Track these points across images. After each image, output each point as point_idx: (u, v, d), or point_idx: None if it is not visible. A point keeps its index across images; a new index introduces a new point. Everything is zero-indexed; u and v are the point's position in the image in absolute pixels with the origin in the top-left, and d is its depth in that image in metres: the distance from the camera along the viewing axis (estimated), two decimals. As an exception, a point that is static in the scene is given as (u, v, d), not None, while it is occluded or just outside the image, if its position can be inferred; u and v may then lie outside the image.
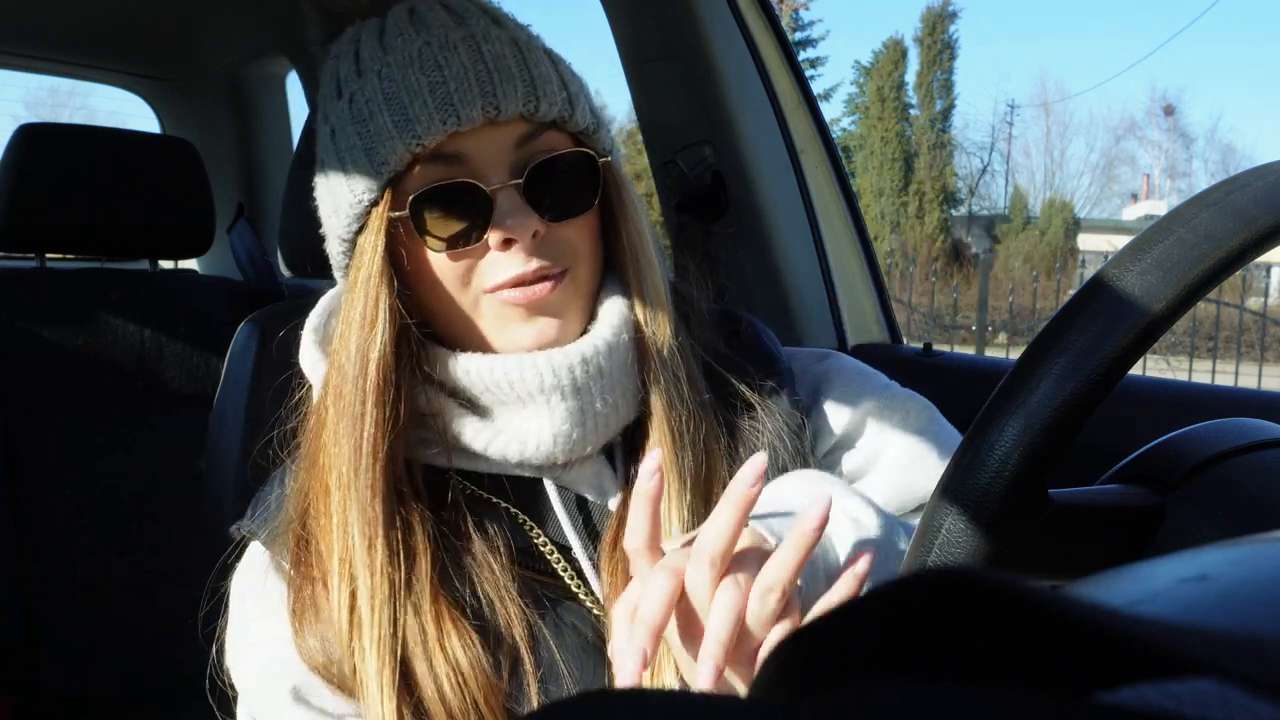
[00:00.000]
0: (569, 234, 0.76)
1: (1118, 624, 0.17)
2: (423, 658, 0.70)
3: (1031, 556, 0.60)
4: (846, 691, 0.19)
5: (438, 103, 0.72)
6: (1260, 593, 0.21)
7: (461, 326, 0.76)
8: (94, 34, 2.50)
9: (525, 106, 0.73)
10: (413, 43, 0.74)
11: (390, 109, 0.72)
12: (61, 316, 1.90)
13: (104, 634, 1.84)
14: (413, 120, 0.72)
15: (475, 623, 0.72)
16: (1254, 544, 0.24)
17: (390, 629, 0.70)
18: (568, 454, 0.75)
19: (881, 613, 0.20)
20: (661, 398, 0.76)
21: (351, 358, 0.73)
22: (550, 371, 0.73)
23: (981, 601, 0.19)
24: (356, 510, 0.72)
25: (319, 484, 0.75)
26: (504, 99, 0.72)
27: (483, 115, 0.72)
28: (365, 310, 0.73)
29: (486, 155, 0.74)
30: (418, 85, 0.72)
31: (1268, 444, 0.62)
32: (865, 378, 0.88)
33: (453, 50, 0.73)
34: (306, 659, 0.73)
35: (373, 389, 0.72)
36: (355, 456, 0.72)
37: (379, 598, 0.70)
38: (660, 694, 0.21)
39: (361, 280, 0.74)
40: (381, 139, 0.72)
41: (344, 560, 0.72)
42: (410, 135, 0.72)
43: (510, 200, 0.73)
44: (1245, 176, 0.55)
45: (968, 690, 0.18)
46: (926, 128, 23.78)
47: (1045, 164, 29.32)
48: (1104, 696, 0.18)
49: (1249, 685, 0.16)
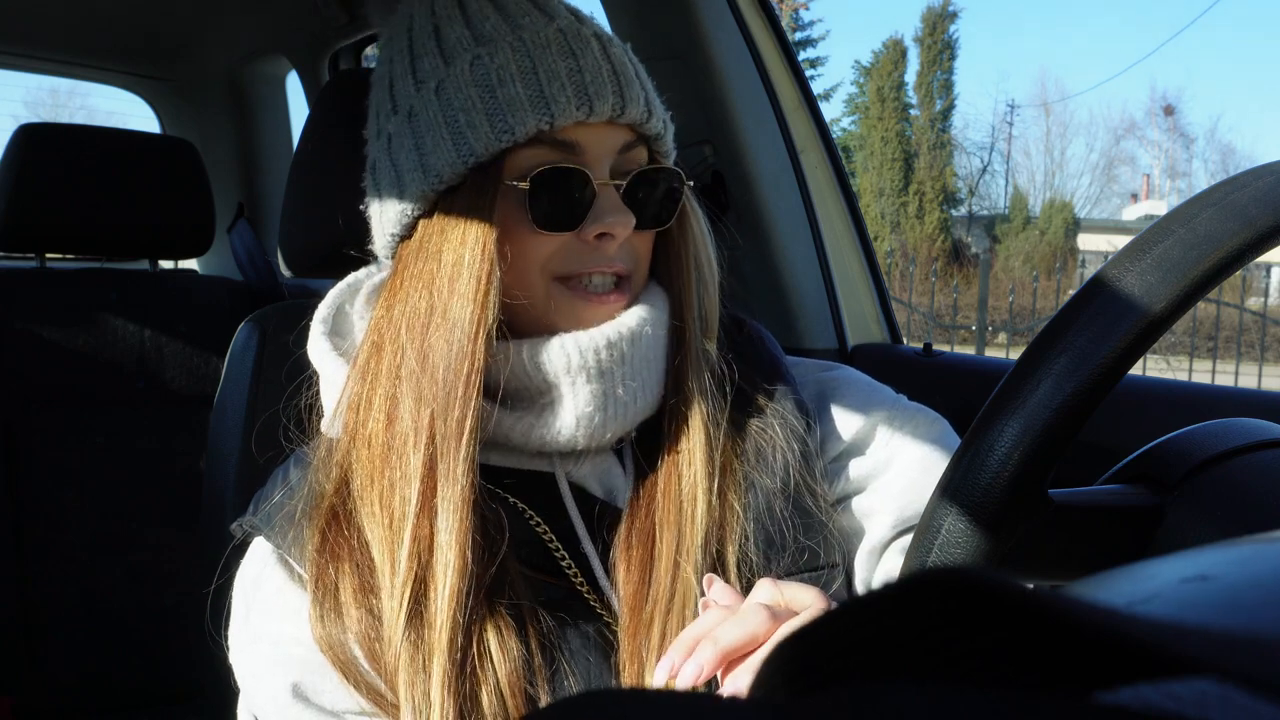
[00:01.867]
0: (641, 244, 0.79)
1: (1118, 624, 0.17)
2: (482, 644, 0.69)
3: (1031, 556, 0.60)
4: (846, 691, 0.19)
5: (575, 89, 0.74)
6: (1260, 593, 0.21)
7: (524, 310, 0.76)
8: (94, 34, 2.50)
9: (640, 115, 0.77)
10: (546, 26, 0.76)
11: (524, 83, 0.73)
12: (61, 316, 1.90)
13: (104, 634, 1.84)
14: (549, 99, 0.73)
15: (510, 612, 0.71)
16: (1254, 544, 0.24)
17: (466, 616, 0.69)
18: (588, 439, 0.76)
19: (882, 613, 0.20)
20: (693, 398, 0.78)
21: (464, 322, 0.72)
22: (577, 352, 0.74)
23: (981, 601, 0.19)
24: (452, 485, 0.70)
25: (374, 458, 0.73)
26: (630, 102, 0.76)
27: (611, 112, 0.75)
28: (479, 274, 0.72)
29: (598, 150, 0.76)
30: (556, 68, 0.74)
31: (1268, 444, 0.62)
32: (875, 389, 0.88)
33: (586, 43, 0.76)
34: (328, 649, 0.71)
35: (483, 354, 0.72)
36: (459, 427, 0.71)
37: (458, 579, 0.69)
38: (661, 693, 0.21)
39: (472, 241, 0.73)
40: (512, 109, 0.73)
41: (415, 539, 0.70)
42: (544, 112, 0.73)
43: (611, 198, 0.76)
44: (1245, 176, 0.55)
45: (968, 690, 0.18)
46: (926, 128, 23.79)
47: (1045, 164, 29.34)
48: (1104, 696, 0.18)
49: (1249, 685, 0.16)
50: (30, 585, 1.80)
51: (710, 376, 0.79)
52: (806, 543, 0.78)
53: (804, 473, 0.80)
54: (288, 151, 2.68)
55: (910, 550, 0.61)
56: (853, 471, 0.84)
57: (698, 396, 0.78)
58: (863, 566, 0.82)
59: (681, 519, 0.75)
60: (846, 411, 0.85)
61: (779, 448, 0.80)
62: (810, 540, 0.78)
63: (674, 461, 0.77)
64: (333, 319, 0.83)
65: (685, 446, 0.77)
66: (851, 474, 0.84)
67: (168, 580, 1.89)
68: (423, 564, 0.70)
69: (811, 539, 0.78)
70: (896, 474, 0.83)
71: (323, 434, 0.79)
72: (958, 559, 0.56)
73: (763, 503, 0.78)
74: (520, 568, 0.74)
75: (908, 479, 0.82)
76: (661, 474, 0.77)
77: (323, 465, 0.76)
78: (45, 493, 1.84)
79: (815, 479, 0.80)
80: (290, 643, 0.73)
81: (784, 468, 0.79)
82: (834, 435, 0.85)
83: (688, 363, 0.79)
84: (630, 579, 0.74)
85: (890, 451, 0.84)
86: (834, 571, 0.79)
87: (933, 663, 0.20)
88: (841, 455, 0.85)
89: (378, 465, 0.73)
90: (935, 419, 0.86)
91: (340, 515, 0.74)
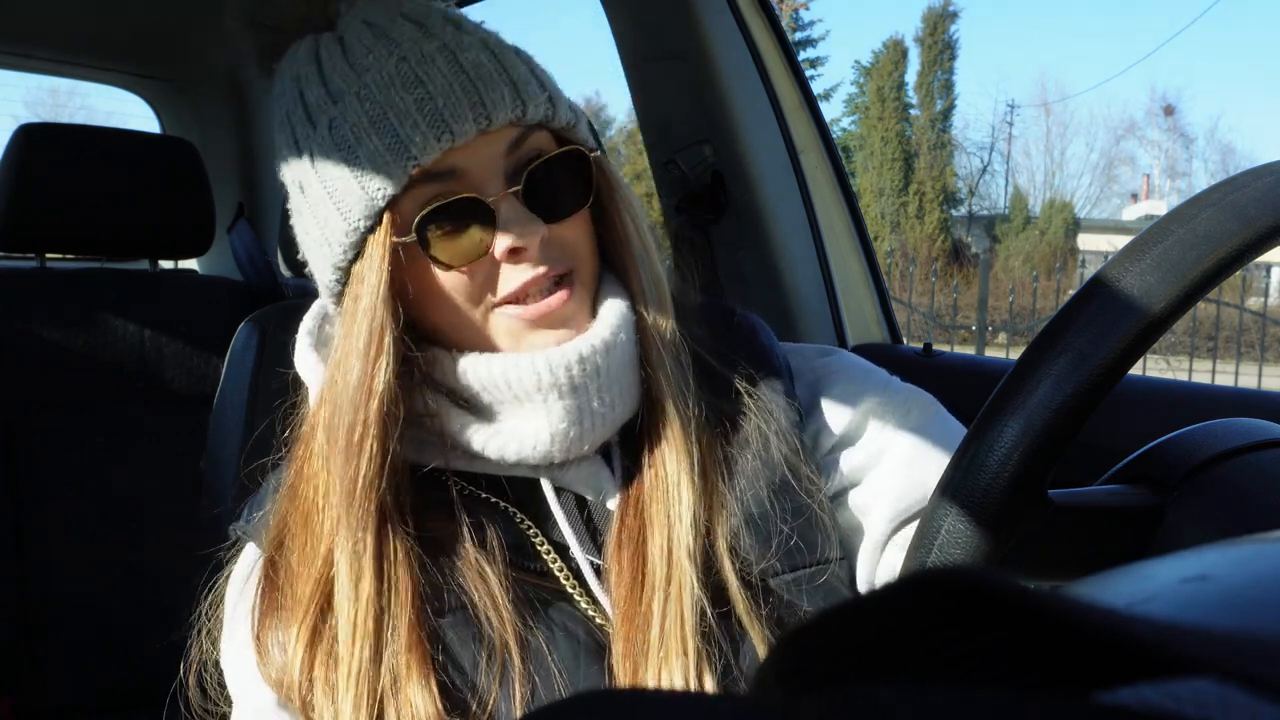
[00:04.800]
0: (569, 234, 0.75)
1: (1118, 624, 0.17)
2: (392, 698, 0.69)
3: (1031, 557, 0.60)
4: (846, 691, 0.19)
5: (428, 120, 0.70)
6: (1260, 593, 0.21)
7: (474, 340, 0.76)
8: (94, 34, 2.50)
9: (514, 112, 0.72)
10: (387, 60, 0.72)
11: (379, 132, 0.70)
12: (61, 316, 1.90)
13: (104, 634, 1.84)
14: (405, 142, 0.70)
15: (468, 630, 0.71)
16: (1254, 544, 0.24)
17: (373, 665, 0.69)
18: (565, 453, 0.75)
19: (880, 613, 0.20)
20: (665, 388, 0.76)
21: (351, 390, 0.71)
22: (548, 370, 0.72)
23: (981, 601, 0.19)
24: (345, 543, 0.70)
25: (298, 514, 0.74)
26: (493, 108, 0.71)
27: (475, 127, 0.71)
28: (369, 341, 0.71)
29: (481, 166, 0.72)
30: (404, 105, 0.70)
31: (1267, 444, 0.62)
32: (867, 374, 0.87)
33: (430, 63, 0.72)
34: (273, 687, 0.72)
35: (375, 422, 0.71)
36: (349, 491, 0.70)
37: (361, 631, 0.69)
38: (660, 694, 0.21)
39: (363, 310, 0.72)
40: (375, 164, 0.70)
41: (314, 595, 0.71)
42: (405, 157, 0.70)
43: (512, 208, 0.72)
44: (1245, 176, 0.55)
45: (967, 691, 0.18)
46: (926, 128, 23.79)
47: (1045, 164, 29.33)
48: (1104, 696, 0.18)
49: (1249, 685, 0.16)
50: (30, 585, 1.80)
51: (677, 360, 0.77)
52: (800, 539, 0.77)
53: (795, 466, 0.79)
54: (288, 151, 2.67)
55: (910, 551, 0.61)
56: (846, 465, 0.83)
57: (670, 385, 0.76)
58: (865, 564, 0.82)
59: (669, 508, 0.74)
60: (838, 402, 0.84)
61: (768, 442, 0.78)
62: (806, 536, 0.77)
63: (657, 458, 0.76)
64: (319, 331, 0.82)
65: (667, 438, 0.76)
66: (845, 467, 0.83)
67: (168, 580, 1.88)
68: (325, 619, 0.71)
69: (807, 534, 0.77)
70: (890, 466, 0.82)
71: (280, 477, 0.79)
72: (957, 559, 0.56)
73: (749, 491, 0.77)
74: (510, 572, 0.74)
75: (901, 470, 0.81)
76: (647, 472, 0.76)
77: (269, 510, 0.78)
78: (45, 493, 1.84)
79: (807, 473, 0.79)
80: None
81: (772, 461, 0.78)
82: (826, 429, 0.84)
83: (653, 351, 0.77)
84: (623, 579, 0.74)
85: (882, 443, 0.82)
86: (833, 566, 0.79)
87: (932, 663, 0.20)
88: (835, 448, 0.84)
89: (300, 521, 0.74)
90: (928, 402, 0.85)
91: (275, 563, 0.75)
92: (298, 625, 0.71)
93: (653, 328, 0.77)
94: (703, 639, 0.72)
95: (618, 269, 0.80)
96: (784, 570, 0.76)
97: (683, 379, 0.77)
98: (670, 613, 0.71)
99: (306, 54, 0.77)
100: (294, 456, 0.77)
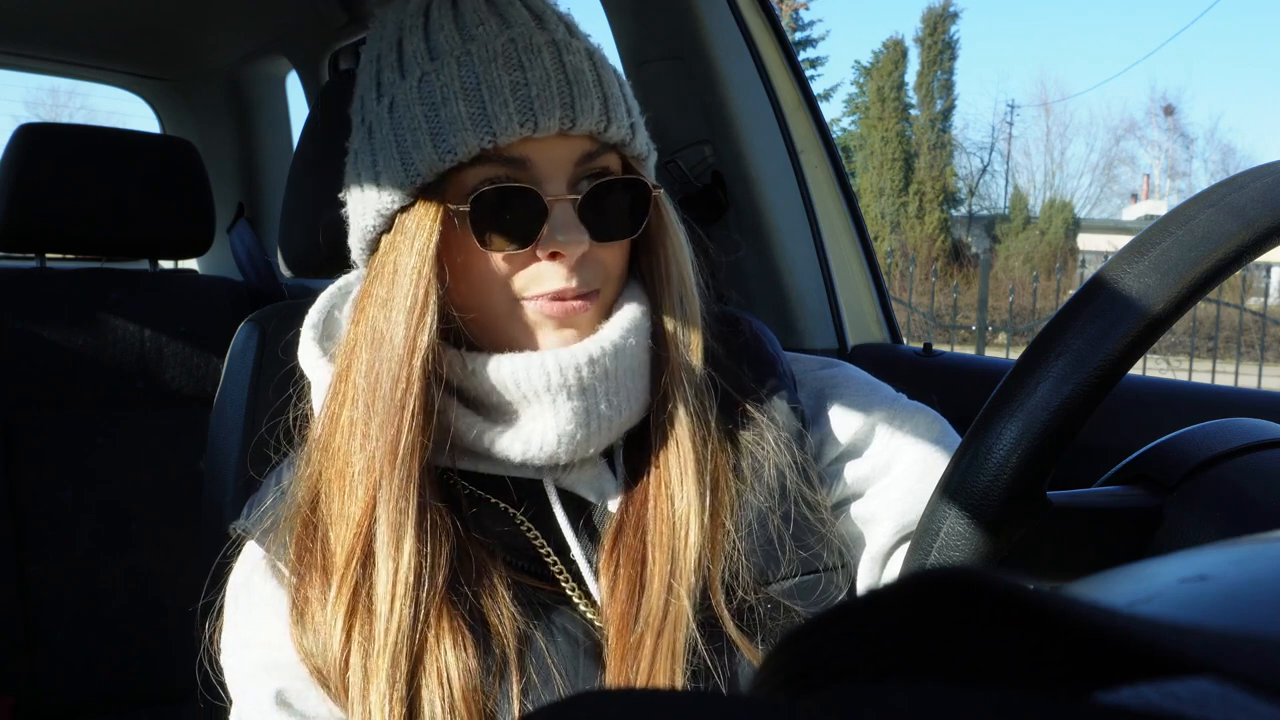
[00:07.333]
0: (608, 256, 0.76)
1: (1118, 624, 0.17)
2: (431, 656, 0.69)
3: (1031, 558, 0.60)
4: (846, 691, 0.19)
5: (518, 104, 0.71)
6: (1260, 593, 0.21)
7: (491, 327, 0.76)
8: (94, 34, 2.50)
9: (598, 124, 0.73)
10: (496, 36, 0.73)
11: (468, 101, 0.71)
12: (61, 316, 1.90)
13: (103, 634, 1.84)
14: (490, 117, 0.71)
15: (470, 624, 0.71)
16: (1254, 544, 0.24)
17: (410, 624, 0.69)
18: (570, 454, 0.75)
19: (881, 613, 0.20)
20: (680, 406, 0.76)
21: (398, 344, 0.72)
22: (557, 370, 0.73)
23: (981, 602, 0.19)
24: (388, 501, 0.70)
25: (335, 472, 0.74)
26: (581, 113, 0.72)
27: (559, 125, 0.72)
28: (415, 298, 0.72)
29: (549, 164, 0.73)
30: (499, 83, 0.71)
31: (1267, 444, 0.62)
32: (873, 388, 0.87)
33: (537, 53, 0.73)
34: (305, 657, 0.72)
35: (419, 377, 0.71)
36: (393, 446, 0.71)
37: (401, 589, 0.69)
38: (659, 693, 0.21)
39: (410, 267, 0.72)
40: (454, 128, 0.71)
41: (353, 554, 0.71)
42: (486, 131, 0.71)
43: (565, 213, 0.73)
44: (1244, 177, 0.55)
45: (967, 690, 0.18)
46: (926, 128, 23.79)
47: (1045, 164, 29.34)
48: (1104, 696, 0.18)
49: (1249, 685, 0.16)
50: (30, 585, 1.80)
51: (694, 389, 0.78)
52: (801, 551, 0.77)
53: (799, 480, 0.79)
54: (288, 151, 2.67)
55: (909, 551, 0.61)
56: (850, 475, 0.83)
57: (683, 410, 0.76)
58: (865, 574, 0.82)
59: (675, 541, 0.74)
60: (844, 413, 0.84)
61: (771, 457, 0.78)
62: (806, 547, 0.77)
63: (663, 478, 0.76)
64: (323, 324, 0.82)
65: (674, 462, 0.75)
66: (849, 478, 0.83)
67: (168, 580, 1.89)
68: (366, 576, 0.71)
69: (808, 546, 0.77)
70: (895, 479, 0.82)
71: (310, 439, 0.79)
72: (957, 559, 0.56)
73: (755, 519, 0.77)
74: (509, 574, 0.74)
75: (907, 484, 0.81)
76: (651, 489, 0.76)
77: (302, 472, 0.77)
78: (45, 493, 1.84)
79: (811, 485, 0.79)
80: (275, 648, 0.74)
81: (777, 477, 0.78)
82: (831, 438, 0.84)
83: (671, 375, 0.77)
84: (618, 599, 0.73)
85: (888, 456, 0.82)
86: (832, 575, 0.79)
87: (933, 663, 0.20)
88: (839, 459, 0.84)
89: (336, 477, 0.74)
90: (934, 419, 0.85)
91: (311, 524, 0.74)
92: (336, 583, 0.71)
93: (677, 355, 0.78)
94: (692, 676, 0.72)
95: (650, 289, 0.80)
96: (782, 578, 0.76)
97: (699, 395, 0.78)
98: (664, 645, 0.71)
99: (417, 5, 0.78)
100: (326, 414, 0.76)
